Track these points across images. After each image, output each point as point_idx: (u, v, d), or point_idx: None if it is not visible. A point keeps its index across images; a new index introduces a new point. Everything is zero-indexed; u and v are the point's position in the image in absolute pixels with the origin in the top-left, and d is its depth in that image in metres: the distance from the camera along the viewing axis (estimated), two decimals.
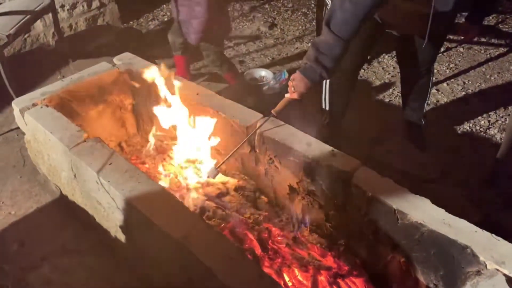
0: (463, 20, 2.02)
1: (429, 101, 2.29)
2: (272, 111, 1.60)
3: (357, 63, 2.10)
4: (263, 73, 2.76)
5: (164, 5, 4.41)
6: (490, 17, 3.83)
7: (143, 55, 3.28)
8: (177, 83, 1.76)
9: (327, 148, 1.53)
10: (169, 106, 1.76)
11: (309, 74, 1.52)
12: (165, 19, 4.16)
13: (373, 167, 1.44)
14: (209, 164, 1.68)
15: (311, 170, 1.53)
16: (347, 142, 2.14)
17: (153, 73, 1.77)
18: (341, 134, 2.29)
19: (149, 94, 1.95)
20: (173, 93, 1.75)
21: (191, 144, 1.77)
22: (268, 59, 3.35)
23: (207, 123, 1.69)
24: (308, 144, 1.55)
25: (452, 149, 2.29)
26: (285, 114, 1.63)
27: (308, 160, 1.51)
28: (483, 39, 3.40)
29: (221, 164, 1.56)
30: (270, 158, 1.66)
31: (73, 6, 3.57)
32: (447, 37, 3.40)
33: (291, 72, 2.77)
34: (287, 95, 1.60)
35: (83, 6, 3.63)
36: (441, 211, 1.29)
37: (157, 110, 1.76)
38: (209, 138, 1.70)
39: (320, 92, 2.22)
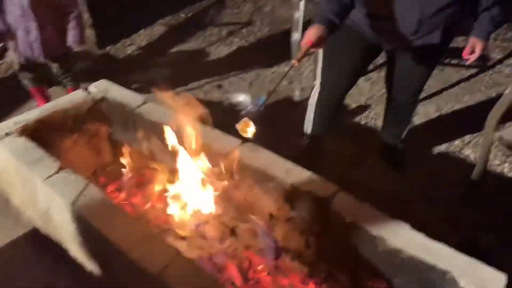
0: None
1: (410, 127, 2.33)
2: (293, 61, 1.67)
3: (345, 86, 2.13)
4: (241, 98, 2.77)
5: (143, 30, 4.42)
6: (460, 39, 3.96)
7: (121, 81, 3.30)
8: (154, 108, 1.75)
9: (306, 173, 1.53)
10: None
11: (319, 18, 1.64)
12: (143, 44, 4.16)
13: (352, 190, 1.45)
14: None
15: (290, 196, 1.53)
16: (325, 165, 2.15)
17: (129, 100, 1.75)
18: (321, 156, 2.31)
19: (125, 121, 1.93)
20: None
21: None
22: (246, 83, 3.36)
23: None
24: (287, 170, 1.55)
25: (429, 170, 2.33)
26: (262, 139, 1.65)
27: (287, 186, 1.51)
28: (454, 61, 3.50)
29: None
30: (250, 185, 1.65)
31: None
32: None
33: (269, 101, 2.80)
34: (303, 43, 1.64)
35: None
36: (420, 235, 1.30)
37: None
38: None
39: (302, 114, 2.28)
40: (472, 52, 1.74)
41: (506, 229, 1.95)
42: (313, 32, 1.62)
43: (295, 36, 2.82)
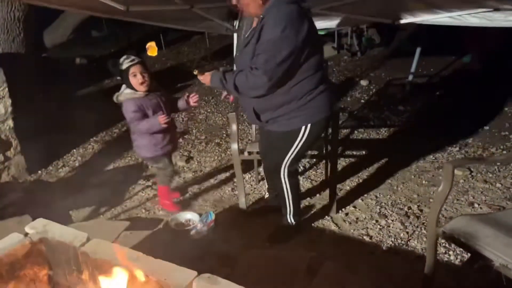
0: None
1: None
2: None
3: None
4: (189, 215, 2.72)
5: (74, 150, 4.33)
6: (383, 131, 4.31)
7: (55, 209, 3.14)
8: (99, 246, 1.64)
9: None
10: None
11: (215, 81, 2.27)
12: (76, 164, 4.05)
13: None
14: None
15: None
16: None
17: (71, 238, 1.64)
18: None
19: (68, 261, 1.79)
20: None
21: None
22: (189, 194, 3.33)
23: None
24: None
25: (380, 267, 2.35)
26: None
27: None
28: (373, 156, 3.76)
29: None
30: None
31: None
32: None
33: (217, 216, 2.79)
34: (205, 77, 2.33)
35: None
36: None
37: None
38: None
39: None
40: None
41: None
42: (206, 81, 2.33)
43: (234, 146, 2.89)
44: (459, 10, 2.74)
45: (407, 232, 2.67)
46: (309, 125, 2.28)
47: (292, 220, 2.63)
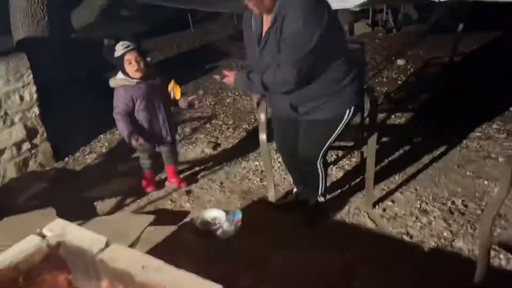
0: None
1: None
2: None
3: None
4: (215, 213, 2.58)
5: (102, 135, 4.26)
6: (422, 115, 4.02)
7: (80, 199, 3.07)
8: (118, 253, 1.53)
9: None
10: None
11: (240, 82, 2.19)
12: (103, 151, 3.98)
13: None
14: None
15: None
16: None
17: (89, 243, 1.54)
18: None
19: (86, 268, 1.69)
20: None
21: None
22: (217, 184, 3.20)
23: None
24: None
25: (423, 272, 2.15)
26: None
27: None
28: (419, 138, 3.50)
29: None
30: None
31: (0, 153, 3.30)
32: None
33: (244, 211, 2.65)
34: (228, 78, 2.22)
35: (11, 151, 3.38)
36: None
37: None
38: None
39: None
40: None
41: None
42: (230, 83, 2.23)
43: (263, 136, 2.72)
44: None
45: (451, 231, 2.45)
46: (352, 108, 2.24)
47: (322, 199, 2.64)
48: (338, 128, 2.28)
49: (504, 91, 4.17)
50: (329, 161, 3.13)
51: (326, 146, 2.34)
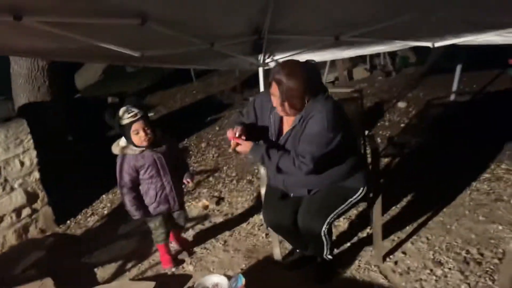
0: None
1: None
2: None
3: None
4: (216, 279, 2.46)
5: (104, 196, 4.21)
6: (428, 158, 3.94)
7: (80, 266, 2.98)
8: None
9: None
10: None
11: (256, 155, 2.20)
12: (105, 212, 3.91)
13: None
14: None
15: None
16: None
17: None
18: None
19: None
20: None
21: None
22: (220, 243, 3.09)
23: None
24: None
25: None
26: None
27: None
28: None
29: None
30: None
31: (0, 220, 3.25)
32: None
33: (249, 272, 2.53)
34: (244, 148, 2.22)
35: (11, 218, 3.32)
36: None
37: None
38: None
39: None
40: None
41: None
42: (245, 151, 2.23)
43: (263, 191, 2.65)
44: (509, 27, 2.42)
45: (469, 284, 2.30)
46: (366, 187, 2.32)
47: (329, 256, 2.50)
48: (349, 201, 2.30)
49: (510, 129, 4.10)
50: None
51: (332, 215, 2.28)
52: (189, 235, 3.25)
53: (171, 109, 7.22)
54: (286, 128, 2.28)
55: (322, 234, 2.27)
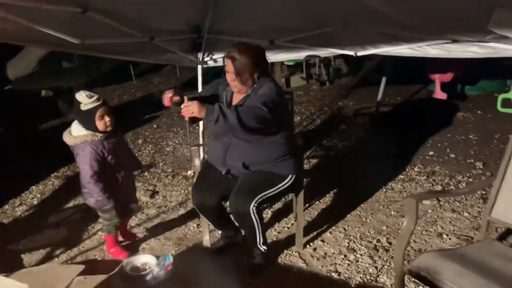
0: None
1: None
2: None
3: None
4: (145, 259, 2.56)
5: (34, 186, 4.12)
6: (352, 160, 4.28)
7: (6, 253, 2.93)
8: None
9: None
10: None
11: (211, 111, 2.15)
12: (35, 202, 3.84)
13: None
14: None
15: None
16: None
17: None
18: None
19: None
20: None
21: None
22: (151, 232, 3.17)
23: None
24: None
25: None
26: None
27: None
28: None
29: None
30: None
31: None
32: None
33: (178, 257, 2.64)
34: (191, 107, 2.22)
35: None
36: None
37: None
38: None
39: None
40: None
41: None
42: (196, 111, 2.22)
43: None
44: (419, 41, 2.77)
45: (376, 267, 2.59)
46: (294, 176, 2.53)
47: (264, 247, 2.60)
48: (278, 186, 2.47)
49: (424, 137, 4.57)
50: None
51: (261, 195, 2.40)
52: None
53: None
54: (236, 102, 2.47)
55: (251, 212, 2.35)
